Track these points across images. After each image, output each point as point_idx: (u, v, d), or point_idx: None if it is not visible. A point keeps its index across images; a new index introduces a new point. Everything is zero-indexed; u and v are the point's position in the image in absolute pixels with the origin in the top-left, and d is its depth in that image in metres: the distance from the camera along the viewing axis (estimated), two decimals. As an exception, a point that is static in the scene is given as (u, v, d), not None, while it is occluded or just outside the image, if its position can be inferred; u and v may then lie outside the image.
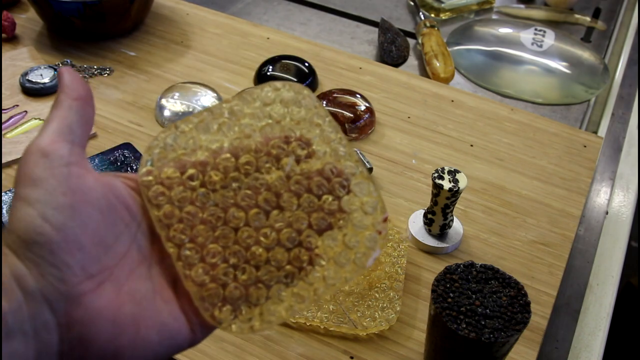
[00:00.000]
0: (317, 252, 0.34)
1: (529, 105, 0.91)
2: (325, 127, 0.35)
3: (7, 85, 0.83)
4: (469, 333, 0.47)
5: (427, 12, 1.08)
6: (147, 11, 0.96)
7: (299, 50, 0.93)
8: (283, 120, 0.35)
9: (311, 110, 0.35)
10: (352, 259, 0.34)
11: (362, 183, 0.34)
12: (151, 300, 0.31)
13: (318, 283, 0.33)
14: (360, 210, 0.34)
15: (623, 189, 0.82)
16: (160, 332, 0.31)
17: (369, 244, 0.34)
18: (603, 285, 0.69)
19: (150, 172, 0.33)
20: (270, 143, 0.35)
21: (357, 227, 0.34)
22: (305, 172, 0.34)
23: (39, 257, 0.28)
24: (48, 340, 0.28)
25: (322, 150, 0.35)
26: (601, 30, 1.09)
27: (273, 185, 0.34)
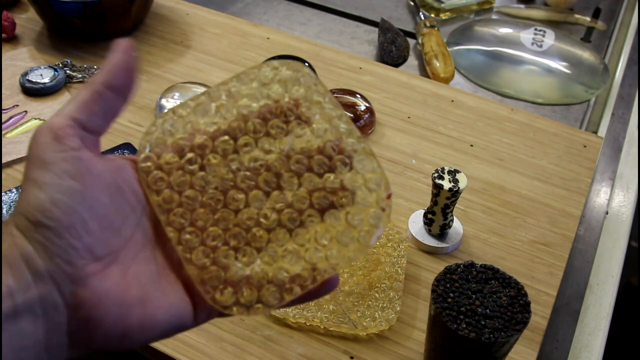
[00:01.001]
0: (318, 230, 0.33)
1: (529, 105, 0.91)
2: (325, 105, 0.34)
3: (7, 85, 0.83)
4: (469, 333, 0.47)
5: (427, 12, 1.08)
6: (147, 11, 0.96)
7: (299, 50, 0.93)
8: (282, 100, 0.34)
9: (310, 87, 0.35)
10: (355, 237, 0.33)
11: (365, 159, 0.33)
12: (156, 282, 0.32)
13: (321, 262, 0.33)
14: (364, 187, 0.33)
15: (623, 189, 0.82)
16: (167, 312, 0.31)
17: (372, 221, 0.33)
18: (603, 285, 0.69)
19: (148, 157, 0.33)
20: (269, 123, 0.34)
21: (360, 205, 0.33)
22: (306, 150, 0.34)
23: (47, 239, 0.28)
24: (57, 321, 0.29)
25: (322, 127, 0.34)
26: (601, 30, 1.09)
27: (273, 165, 0.34)
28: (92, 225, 0.29)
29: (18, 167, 0.73)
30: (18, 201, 0.29)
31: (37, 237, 0.28)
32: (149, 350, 0.57)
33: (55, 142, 0.30)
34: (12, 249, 0.28)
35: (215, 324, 0.58)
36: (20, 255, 0.28)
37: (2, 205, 0.67)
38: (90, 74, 0.87)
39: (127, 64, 0.32)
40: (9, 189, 0.69)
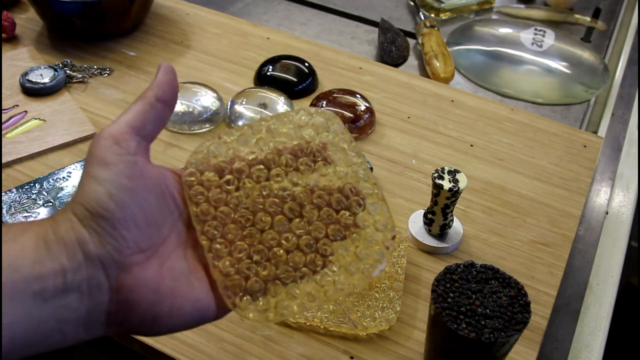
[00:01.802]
0: (331, 259, 0.38)
1: (529, 105, 0.91)
2: (349, 152, 0.40)
3: (7, 85, 0.83)
4: (469, 333, 0.47)
5: (427, 12, 1.08)
6: (147, 11, 0.96)
7: (299, 50, 0.93)
8: (312, 142, 0.40)
9: (338, 135, 0.40)
10: (361, 269, 0.38)
11: (377, 203, 0.39)
12: (187, 278, 0.36)
13: (329, 286, 0.38)
14: (373, 227, 0.39)
15: (623, 189, 0.82)
16: (193, 305, 0.36)
17: (377, 256, 0.38)
18: (603, 285, 0.69)
19: (193, 173, 0.38)
20: (299, 160, 0.39)
21: (368, 241, 0.39)
22: (327, 188, 0.39)
23: (102, 228, 0.33)
24: (100, 300, 0.33)
25: (344, 170, 0.39)
26: (601, 30, 1.09)
27: (298, 196, 0.39)
28: (140, 220, 0.34)
29: (18, 167, 0.73)
30: (76, 192, 0.34)
31: (93, 225, 0.33)
32: (149, 351, 0.57)
33: (115, 145, 0.34)
34: (70, 233, 0.32)
35: (215, 324, 0.58)
36: (76, 239, 0.32)
37: (2, 205, 0.67)
38: (90, 74, 0.87)
39: (171, 81, 0.38)
40: (9, 189, 0.69)
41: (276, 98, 0.80)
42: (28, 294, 0.31)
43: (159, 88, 0.37)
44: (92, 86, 0.86)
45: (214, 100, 0.81)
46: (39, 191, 0.69)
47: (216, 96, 0.81)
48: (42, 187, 0.70)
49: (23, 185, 0.70)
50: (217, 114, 0.80)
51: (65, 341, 0.33)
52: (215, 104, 0.80)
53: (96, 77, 0.87)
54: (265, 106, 0.79)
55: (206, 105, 0.79)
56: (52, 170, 0.72)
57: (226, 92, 0.84)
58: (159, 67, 0.38)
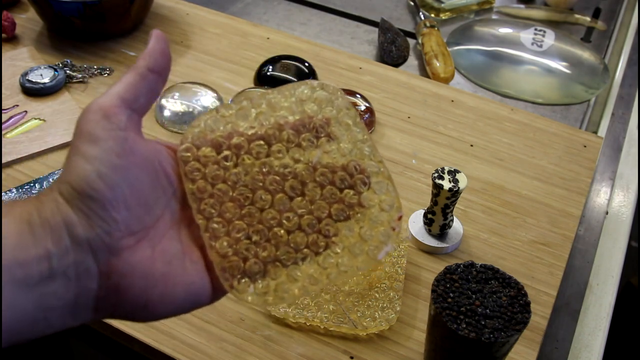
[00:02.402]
0: (334, 240, 0.36)
1: (529, 105, 0.91)
2: (353, 128, 0.38)
3: (7, 85, 0.83)
4: (469, 333, 0.47)
5: (427, 12, 1.08)
6: (147, 11, 0.96)
7: (299, 50, 0.93)
8: (315, 117, 0.38)
9: (342, 110, 0.38)
10: (365, 250, 0.36)
11: (382, 182, 0.37)
12: (180, 260, 0.34)
13: (331, 268, 0.36)
14: (378, 207, 0.37)
15: (623, 189, 0.82)
16: (186, 290, 0.34)
17: (382, 238, 0.36)
18: (603, 285, 0.69)
19: (189, 148, 0.36)
20: (302, 136, 0.37)
21: (373, 222, 0.37)
22: (331, 165, 0.37)
23: (91, 210, 0.31)
24: (88, 286, 0.31)
25: (348, 147, 0.37)
26: (601, 30, 1.09)
27: (300, 174, 0.37)
28: (131, 201, 0.32)
29: (18, 167, 0.73)
30: (64, 171, 0.32)
31: (81, 206, 0.31)
32: (149, 351, 0.57)
33: (105, 120, 0.32)
34: (55, 215, 0.30)
35: (215, 324, 0.58)
36: (62, 221, 0.30)
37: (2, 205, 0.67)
38: (90, 74, 0.87)
39: (163, 49, 0.35)
40: (9, 189, 0.69)
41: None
42: (11, 281, 0.29)
43: (150, 57, 0.35)
44: (92, 86, 0.86)
45: (214, 100, 0.81)
46: (39, 191, 0.69)
47: (216, 96, 0.81)
48: (42, 187, 0.70)
49: (23, 185, 0.70)
50: (217, 114, 0.80)
51: (52, 328, 0.31)
52: (215, 104, 0.80)
53: (96, 77, 0.87)
54: (265, 106, 0.79)
55: (206, 105, 0.79)
56: (52, 170, 0.72)
57: (226, 92, 0.84)
58: (150, 35, 0.36)
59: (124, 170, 0.32)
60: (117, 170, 0.31)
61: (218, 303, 0.60)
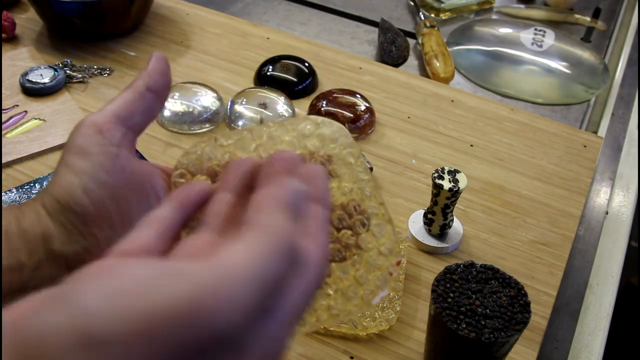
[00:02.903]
0: (327, 282, 0.35)
1: (529, 105, 0.91)
2: (355, 167, 0.37)
3: (7, 85, 0.83)
4: (469, 333, 0.47)
5: (427, 12, 1.08)
6: (147, 11, 0.96)
7: (299, 50, 0.93)
8: (317, 153, 0.37)
9: (345, 149, 0.37)
10: (360, 295, 0.35)
11: (382, 225, 0.36)
12: None
13: (322, 311, 0.34)
14: (376, 250, 0.35)
15: (623, 189, 0.82)
16: None
17: (378, 282, 0.35)
18: (603, 285, 0.69)
19: (183, 174, 0.35)
20: None
21: (370, 266, 0.35)
22: (330, 204, 0.36)
23: (72, 224, 0.30)
24: None
25: (348, 186, 0.36)
26: (601, 30, 1.09)
27: None
28: (115, 220, 0.31)
29: (18, 167, 0.73)
30: (50, 182, 0.31)
31: (62, 220, 0.30)
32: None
33: (97, 135, 0.31)
34: (35, 227, 0.30)
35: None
36: (40, 234, 0.30)
37: (3, 205, 0.67)
38: (90, 74, 0.87)
39: (163, 70, 0.35)
40: (8, 189, 0.69)
41: (276, 98, 0.80)
42: None
43: (150, 77, 0.34)
44: (92, 86, 0.86)
45: (214, 100, 0.81)
46: (39, 191, 0.69)
47: (216, 96, 0.81)
48: (42, 187, 0.70)
49: (23, 185, 0.70)
50: (217, 114, 0.80)
51: None
52: (215, 104, 0.80)
53: (96, 77, 0.87)
54: (265, 106, 0.79)
55: (206, 105, 0.79)
56: (52, 170, 0.72)
57: (226, 92, 0.84)
58: (152, 56, 0.35)
59: (111, 187, 0.31)
60: (104, 187, 0.31)
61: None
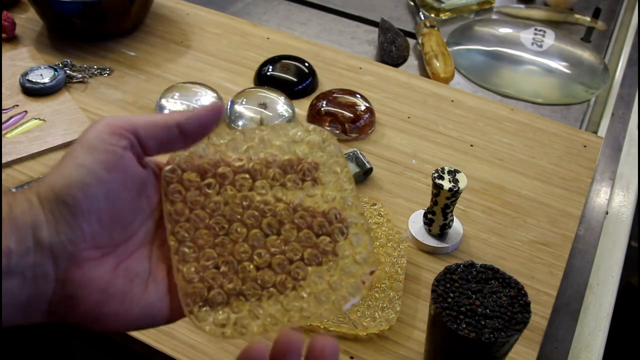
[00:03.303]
0: (302, 284, 0.36)
1: (529, 105, 0.91)
2: (341, 176, 0.38)
3: (7, 85, 0.83)
4: (469, 333, 0.47)
5: (427, 12, 1.08)
6: (147, 11, 0.96)
7: (299, 50, 0.93)
8: (305, 160, 0.38)
9: (333, 157, 0.38)
10: (332, 299, 0.36)
11: (360, 234, 0.37)
12: (143, 280, 0.34)
13: (294, 312, 0.36)
14: (352, 258, 0.37)
15: (623, 189, 0.82)
16: (143, 310, 0.34)
17: (351, 289, 0.36)
18: (603, 285, 0.69)
19: (174, 170, 0.36)
20: (287, 177, 0.37)
21: (344, 273, 0.36)
22: (312, 210, 0.37)
23: (62, 215, 0.31)
24: (43, 290, 0.31)
25: (332, 195, 0.37)
26: (601, 30, 1.09)
27: (279, 213, 0.37)
28: (105, 216, 0.32)
29: (18, 167, 0.73)
30: (50, 171, 0.32)
31: (53, 210, 0.31)
32: (149, 351, 0.57)
33: (109, 135, 0.32)
34: (25, 215, 0.31)
35: (215, 324, 0.58)
36: (30, 222, 0.30)
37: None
38: (90, 74, 0.87)
39: (205, 121, 0.36)
40: (8, 189, 0.69)
41: (276, 98, 0.80)
42: None
43: (188, 118, 0.35)
44: (92, 86, 0.86)
45: (214, 100, 0.81)
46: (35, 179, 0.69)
47: (216, 96, 0.81)
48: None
49: (23, 185, 0.69)
50: (217, 114, 0.80)
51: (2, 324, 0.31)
52: (215, 104, 0.80)
53: (96, 77, 0.87)
54: (265, 106, 0.79)
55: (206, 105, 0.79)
56: (52, 170, 0.72)
57: (226, 92, 0.84)
58: (212, 104, 0.37)
59: (108, 185, 0.32)
60: (101, 184, 0.32)
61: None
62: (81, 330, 0.64)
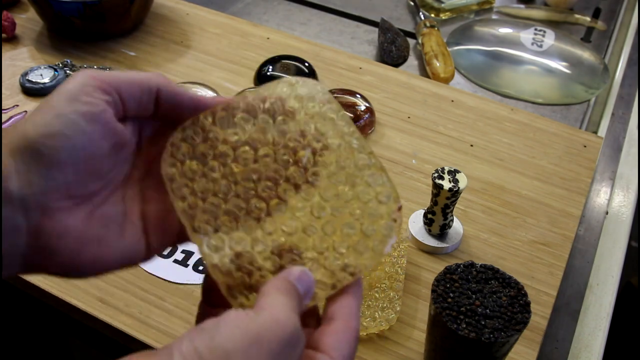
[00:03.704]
0: (334, 243, 0.35)
1: (529, 105, 0.91)
2: (338, 122, 0.37)
3: (7, 85, 0.83)
4: (469, 333, 0.47)
5: (427, 12, 1.08)
6: (147, 11, 0.96)
7: (299, 50, 0.93)
8: (298, 115, 0.36)
9: (325, 105, 0.37)
10: (370, 247, 0.35)
11: (376, 174, 0.36)
12: (118, 224, 0.33)
13: (338, 272, 0.34)
14: (375, 200, 0.36)
15: (623, 189, 0.82)
16: (120, 253, 0.33)
17: (385, 231, 0.35)
18: (603, 285, 0.69)
19: (173, 164, 0.35)
20: (287, 136, 0.36)
21: (373, 216, 0.35)
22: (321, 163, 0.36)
23: (35, 164, 0.29)
24: (15, 243, 0.30)
25: (336, 142, 0.36)
26: (601, 30, 1.09)
27: (291, 176, 0.36)
28: (81, 167, 0.31)
29: (18, 167, 0.72)
30: (24, 119, 0.30)
31: (25, 159, 0.29)
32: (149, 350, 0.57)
33: (92, 88, 0.31)
34: None
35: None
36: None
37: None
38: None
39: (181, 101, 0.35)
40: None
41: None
42: None
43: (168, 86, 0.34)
44: (92, 86, 0.85)
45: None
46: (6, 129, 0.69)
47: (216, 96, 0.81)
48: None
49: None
50: (217, 114, 0.80)
51: None
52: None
53: (96, 77, 0.87)
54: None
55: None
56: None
57: (226, 92, 0.84)
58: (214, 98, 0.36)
59: (87, 136, 0.31)
60: (81, 135, 0.30)
61: (218, 303, 0.60)
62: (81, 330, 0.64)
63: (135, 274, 0.62)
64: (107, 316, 0.58)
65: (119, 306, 0.59)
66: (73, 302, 0.59)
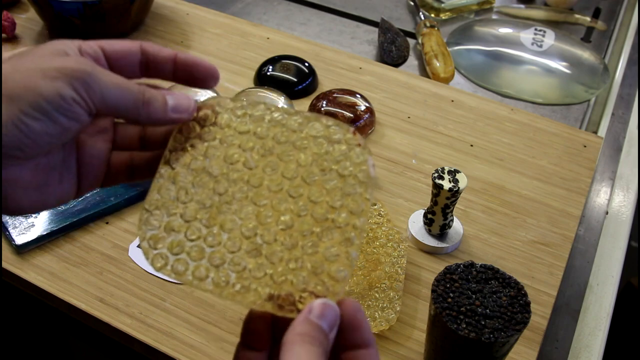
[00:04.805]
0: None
1: (529, 105, 0.91)
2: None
3: (7, 85, 0.83)
4: (469, 333, 0.47)
5: (427, 12, 1.08)
6: (147, 11, 0.96)
7: (299, 50, 0.93)
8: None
9: None
10: (356, 184, 0.34)
11: (312, 123, 0.36)
12: (59, 171, 0.35)
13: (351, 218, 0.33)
14: (329, 144, 0.35)
15: (623, 189, 0.82)
16: (58, 198, 0.36)
17: (358, 159, 0.34)
18: (603, 285, 0.69)
19: None
20: None
21: (338, 157, 0.35)
22: None
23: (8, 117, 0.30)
24: None
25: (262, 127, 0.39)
26: (601, 30, 1.09)
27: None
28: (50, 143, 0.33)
29: (18, 167, 0.72)
30: (10, 68, 0.33)
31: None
32: (149, 351, 0.57)
33: (78, 51, 0.35)
34: None
35: (215, 324, 0.58)
36: None
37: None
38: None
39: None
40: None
41: (276, 98, 0.80)
42: None
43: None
44: (92, 86, 0.85)
45: (214, 100, 0.81)
46: None
47: (216, 96, 0.81)
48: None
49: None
50: (217, 114, 0.80)
51: None
52: (215, 104, 0.80)
53: (96, 77, 0.87)
54: (265, 106, 0.79)
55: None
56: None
57: (226, 92, 0.84)
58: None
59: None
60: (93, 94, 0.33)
61: (218, 303, 0.60)
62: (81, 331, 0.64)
63: (135, 274, 0.62)
64: (107, 316, 0.58)
65: (119, 306, 0.59)
66: (73, 302, 0.59)
